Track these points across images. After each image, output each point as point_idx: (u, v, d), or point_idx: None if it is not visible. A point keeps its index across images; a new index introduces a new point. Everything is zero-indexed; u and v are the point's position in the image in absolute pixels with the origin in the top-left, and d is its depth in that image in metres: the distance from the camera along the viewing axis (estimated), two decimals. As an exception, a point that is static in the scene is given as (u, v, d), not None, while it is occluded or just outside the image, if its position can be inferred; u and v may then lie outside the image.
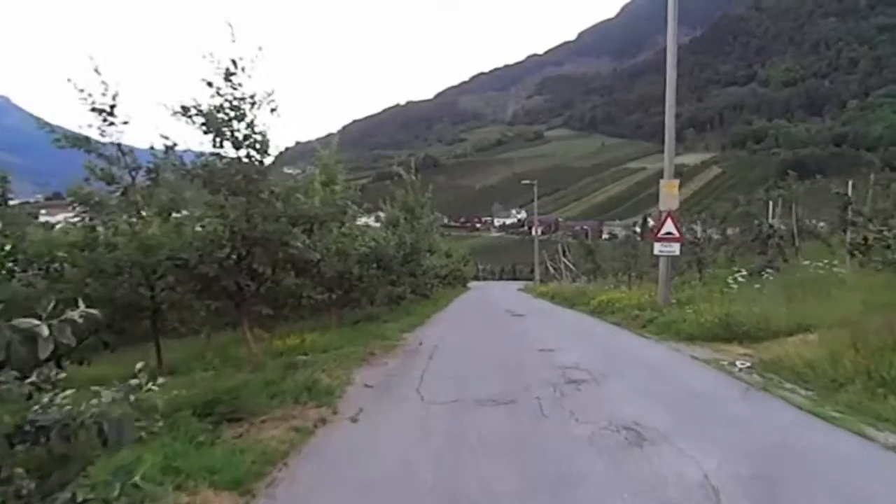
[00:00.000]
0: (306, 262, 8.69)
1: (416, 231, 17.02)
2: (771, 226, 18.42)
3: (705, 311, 12.42)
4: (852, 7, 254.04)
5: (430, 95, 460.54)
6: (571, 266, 37.12)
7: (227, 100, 7.76)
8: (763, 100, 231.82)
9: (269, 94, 7.96)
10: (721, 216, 29.65)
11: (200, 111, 7.63)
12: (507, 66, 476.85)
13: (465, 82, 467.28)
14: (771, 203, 20.49)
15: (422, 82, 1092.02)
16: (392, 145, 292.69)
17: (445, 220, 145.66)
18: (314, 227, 8.90)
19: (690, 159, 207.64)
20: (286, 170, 10.64)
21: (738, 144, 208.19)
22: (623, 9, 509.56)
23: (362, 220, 15.58)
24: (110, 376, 3.33)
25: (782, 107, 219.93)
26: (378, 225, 17.83)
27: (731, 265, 22.18)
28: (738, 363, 8.76)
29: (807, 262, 15.78)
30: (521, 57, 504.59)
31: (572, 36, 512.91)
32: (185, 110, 7.61)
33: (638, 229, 41.38)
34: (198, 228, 8.31)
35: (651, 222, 38.65)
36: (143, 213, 9.05)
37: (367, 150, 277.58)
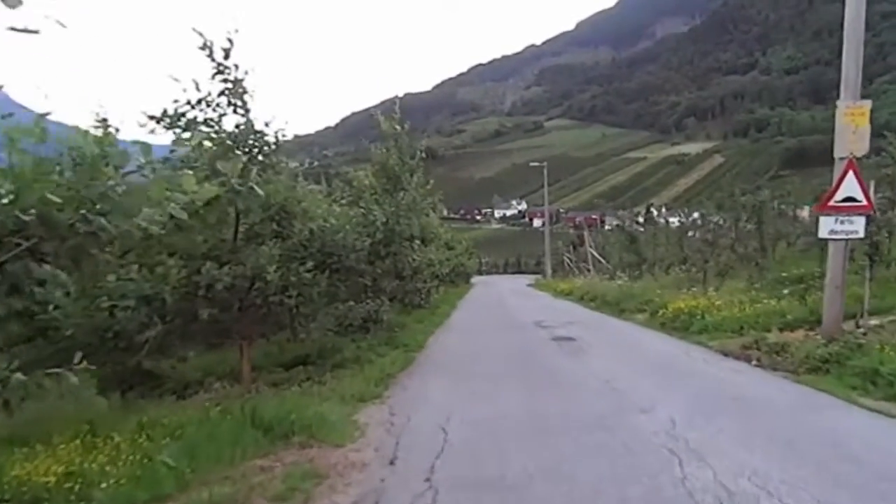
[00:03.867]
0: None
1: (398, 207, 10.47)
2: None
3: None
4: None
5: (428, 87, 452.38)
6: (601, 258, 31.02)
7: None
8: (765, 88, 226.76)
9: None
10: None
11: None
12: (505, 57, 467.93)
13: (463, 74, 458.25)
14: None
15: (420, 74, 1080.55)
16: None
17: (445, 212, 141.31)
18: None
19: (692, 148, 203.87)
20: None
21: (739, 133, 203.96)
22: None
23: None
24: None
25: (784, 95, 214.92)
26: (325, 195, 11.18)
27: None
28: None
29: None
30: (519, 48, 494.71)
31: (570, 26, 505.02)
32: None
33: (641, 219, 35.63)
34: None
35: (654, 212, 33.34)
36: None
37: (365, 143, 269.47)
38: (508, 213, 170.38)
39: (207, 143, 7.59)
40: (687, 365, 9.61)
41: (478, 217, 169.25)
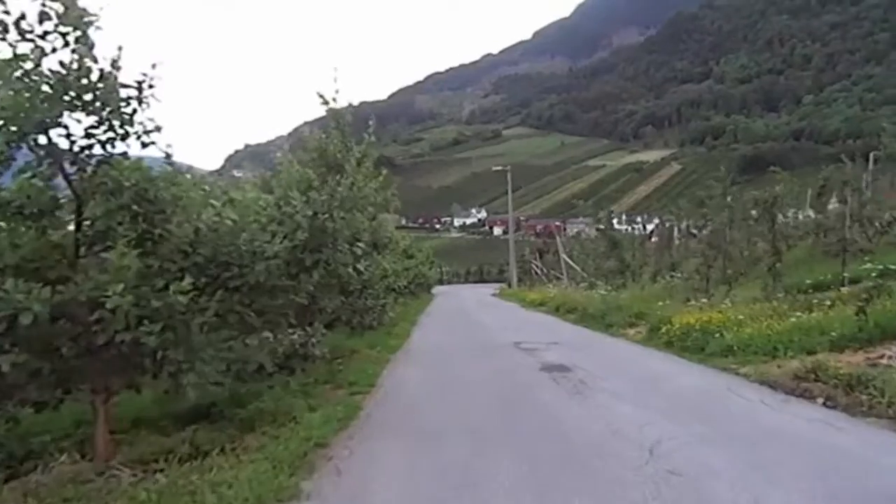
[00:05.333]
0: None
1: (332, 197, 6.57)
2: None
3: None
4: (804, 5, 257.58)
5: (384, 96, 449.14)
6: (575, 266, 28.42)
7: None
8: (720, 96, 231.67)
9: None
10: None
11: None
12: (462, 66, 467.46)
13: (419, 82, 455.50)
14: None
15: (375, 82, 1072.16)
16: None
17: (403, 221, 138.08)
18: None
19: (650, 156, 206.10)
20: (236, 173, 7.05)
21: (696, 140, 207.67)
22: (577, 8, 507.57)
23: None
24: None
25: (739, 103, 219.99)
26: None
27: None
28: None
29: None
30: (476, 56, 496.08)
31: (527, 35, 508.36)
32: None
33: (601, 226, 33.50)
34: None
35: (615, 220, 31.36)
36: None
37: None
38: (468, 221, 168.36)
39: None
40: (747, 412, 6.82)
41: (437, 226, 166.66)
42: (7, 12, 4.67)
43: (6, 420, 6.21)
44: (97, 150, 5.19)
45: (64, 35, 4.87)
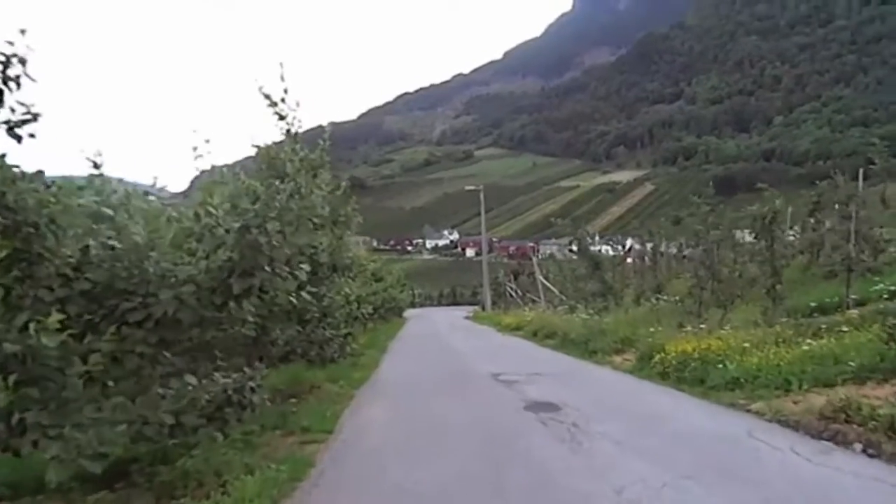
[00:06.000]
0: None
1: (269, 206, 5.58)
2: None
3: None
4: (773, 27, 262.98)
5: (353, 116, 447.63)
6: (553, 288, 27.22)
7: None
8: (691, 117, 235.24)
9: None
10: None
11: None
12: (433, 86, 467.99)
13: (389, 102, 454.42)
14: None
15: (344, 103, 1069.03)
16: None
17: (374, 244, 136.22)
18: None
19: (623, 176, 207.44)
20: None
21: (668, 161, 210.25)
22: (548, 28, 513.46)
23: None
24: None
25: (710, 123, 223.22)
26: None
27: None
28: None
29: None
30: (446, 76, 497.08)
31: (498, 55, 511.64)
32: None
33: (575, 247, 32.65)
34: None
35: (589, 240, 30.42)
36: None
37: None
38: (440, 243, 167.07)
39: None
40: (780, 466, 5.58)
41: (408, 248, 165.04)
42: None
43: None
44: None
45: None
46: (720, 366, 9.84)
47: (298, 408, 8.59)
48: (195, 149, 5.56)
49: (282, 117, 9.16)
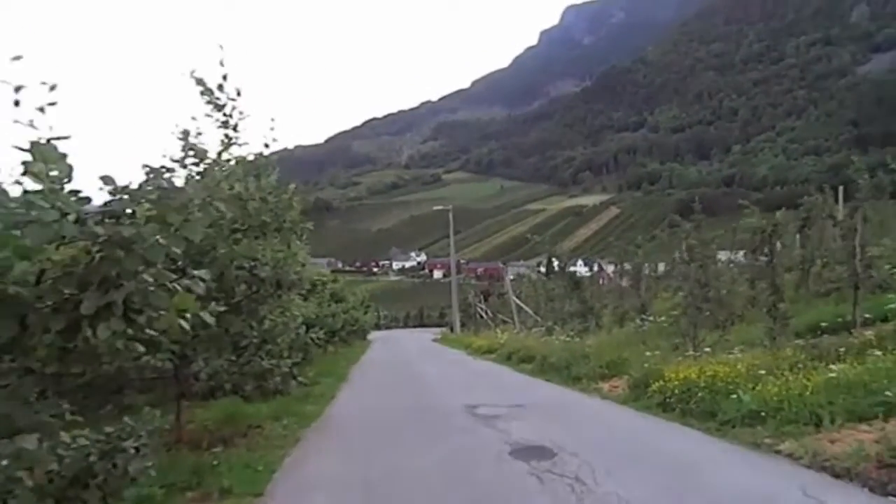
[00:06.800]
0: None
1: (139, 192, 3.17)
2: None
3: None
4: (728, 63, 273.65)
5: (321, 140, 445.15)
6: (527, 309, 25.72)
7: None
8: (654, 144, 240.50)
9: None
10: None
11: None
12: (401, 112, 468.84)
13: (357, 127, 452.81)
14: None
15: (311, 127, 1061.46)
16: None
17: (340, 265, 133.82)
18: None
19: (589, 200, 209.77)
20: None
21: (633, 186, 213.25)
22: (515, 60, 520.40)
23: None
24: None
25: (672, 151, 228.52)
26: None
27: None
28: None
29: None
30: (415, 103, 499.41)
31: (466, 84, 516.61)
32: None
33: (544, 268, 31.87)
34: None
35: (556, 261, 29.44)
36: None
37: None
38: (407, 264, 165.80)
39: None
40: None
41: (375, 269, 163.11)
42: None
43: None
44: None
45: None
46: (733, 396, 8.37)
47: (225, 457, 6.83)
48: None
49: (219, 107, 7.56)
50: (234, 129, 7.64)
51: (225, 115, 7.57)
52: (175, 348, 6.71)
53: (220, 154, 7.47)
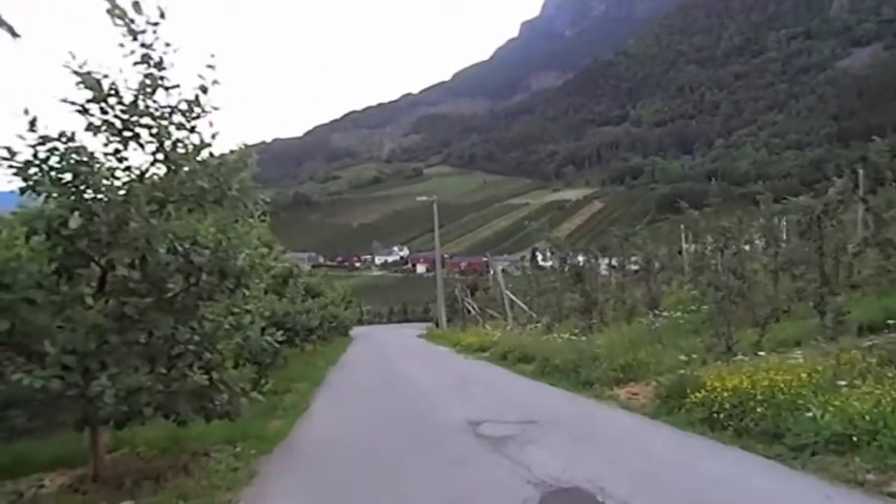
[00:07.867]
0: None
1: None
2: None
3: None
4: (710, 56, 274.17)
5: (299, 133, 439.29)
6: (522, 305, 23.85)
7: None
8: (637, 138, 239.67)
9: None
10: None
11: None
12: (381, 105, 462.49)
13: (337, 120, 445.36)
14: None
15: (289, 120, 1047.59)
16: (258, 183, 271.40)
17: (321, 260, 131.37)
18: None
19: (572, 194, 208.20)
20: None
21: (616, 180, 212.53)
22: (496, 52, 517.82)
23: None
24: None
25: (655, 145, 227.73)
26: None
27: None
28: None
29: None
30: (395, 96, 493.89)
31: (447, 76, 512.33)
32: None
33: (527, 263, 30.58)
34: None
35: (539, 256, 28.05)
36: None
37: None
38: (390, 259, 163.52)
39: None
40: None
41: (357, 264, 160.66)
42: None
43: None
44: None
45: None
46: (807, 413, 6.57)
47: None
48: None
49: (134, 36, 5.60)
50: (159, 66, 5.69)
51: (144, 45, 5.61)
52: (69, 361, 4.79)
53: (137, 98, 5.52)
